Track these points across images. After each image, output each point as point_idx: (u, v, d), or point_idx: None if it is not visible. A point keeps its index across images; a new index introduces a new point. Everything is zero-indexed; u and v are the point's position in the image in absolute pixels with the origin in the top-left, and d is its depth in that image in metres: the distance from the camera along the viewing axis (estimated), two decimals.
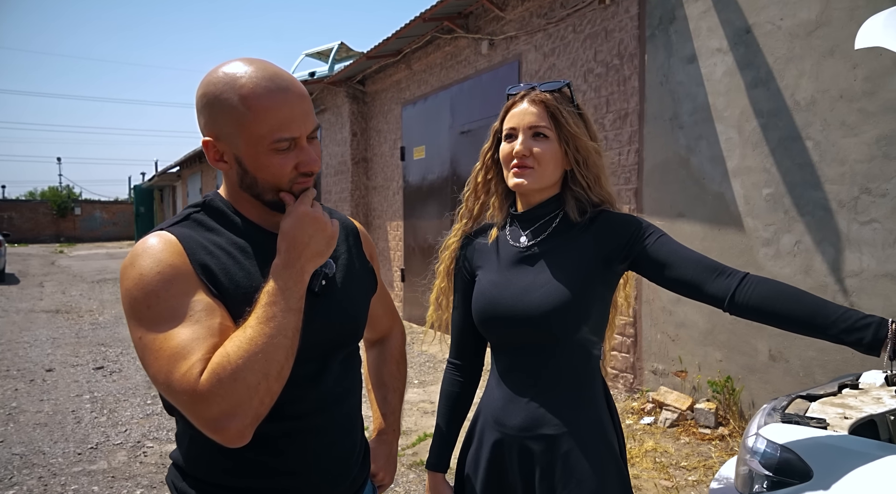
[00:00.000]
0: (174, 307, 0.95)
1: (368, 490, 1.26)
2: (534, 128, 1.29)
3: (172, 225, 1.06)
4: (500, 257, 1.36)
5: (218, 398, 0.87)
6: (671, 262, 1.22)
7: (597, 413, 1.30)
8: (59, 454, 3.94)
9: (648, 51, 4.48)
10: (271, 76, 1.01)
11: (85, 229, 36.21)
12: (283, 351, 0.93)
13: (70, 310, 9.77)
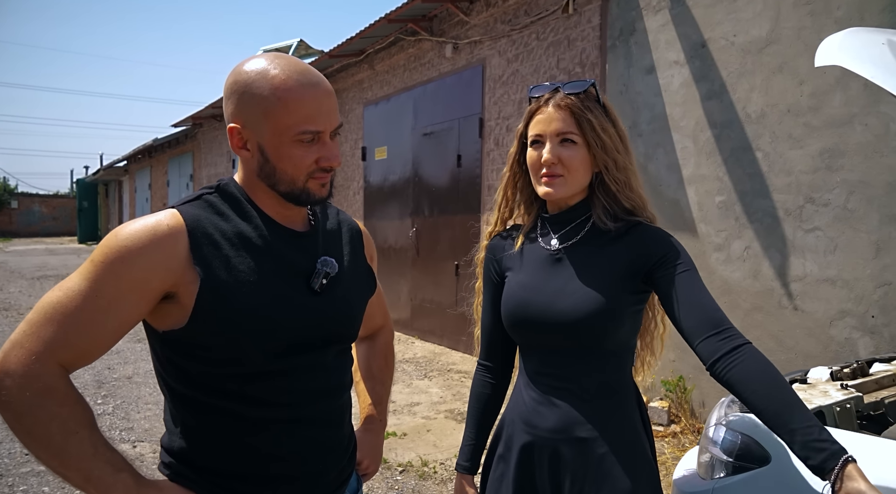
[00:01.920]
0: (112, 281, 0.96)
1: (353, 480, 1.29)
2: (561, 135, 1.26)
3: (183, 203, 1.07)
4: (530, 259, 1.35)
5: (3, 388, 0.93)
6: (683, 301, 1.20)
7: (630, 419, 1.30)
8: (5, 455, 3.79)
9: (609, 61, 4.63)
10: (303, 71, 1.04)
11: (22, 224, 34.59)
12: (54, 463, 0.97)
13: (8, 308, 9.35)
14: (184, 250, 1.00)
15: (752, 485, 1.33)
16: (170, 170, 17.78)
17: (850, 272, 3.27)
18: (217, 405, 1.06)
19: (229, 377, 1.05)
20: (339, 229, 1.25)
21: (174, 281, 0.99)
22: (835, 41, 1.40)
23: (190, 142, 15.72)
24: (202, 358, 1.04)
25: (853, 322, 3.25)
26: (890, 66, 1.26)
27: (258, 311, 1.03)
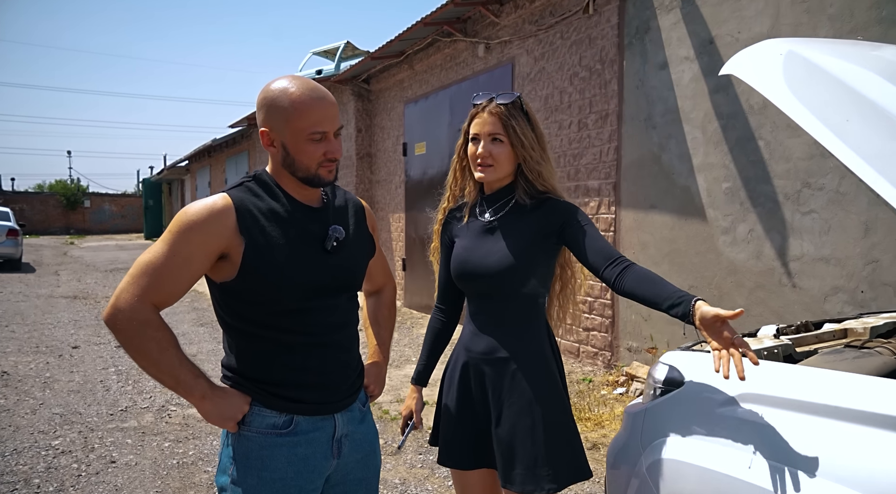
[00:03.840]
0: (184, 245, 1.39)
1: (362, 396, 1.71)
2: (492, 135, 1.70)
3: (230, 188, 1.49)
4: (472, 228, 1.82)
5: (116, 323, 1.38)
6: (586, 246, 1.62)
7: (539, 345, 1.75)
8: (94, 414, 4.43)
9: (626, 57, 4.92)
10: (313, 88, 1.46)
11: (94, 221, 36.79)
12: (152, 371, 1.41)
13: (87, 296, 10.27)
14: (232, 222, 1.42)
15: (671, 402, 1.69)
16: (227, 169, 18.70)
17: (842, 251, 3.50)
18: (260, 334, 1.49)
19: (268, 313, 1.48)
20: (346, 205, 1.66)
21: (226, 245, 1.42)
22: (746, 54, 1.71)
23: (245, 142, 16.56)
24: (248, 300, 1.47)
25: (845, 297, 3.49)
26: (778, 77, 1.57)
27: (287, 266, 1.45)
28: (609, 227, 5.09)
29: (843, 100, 1.53)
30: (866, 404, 1.31)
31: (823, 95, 1.55)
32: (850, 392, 1.36)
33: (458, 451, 1.81)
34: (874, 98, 1.54)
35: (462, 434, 1.80)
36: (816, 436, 1.34)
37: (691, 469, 1.56)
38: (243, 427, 1.47)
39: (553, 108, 5.71)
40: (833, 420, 1.33)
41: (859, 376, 1.43)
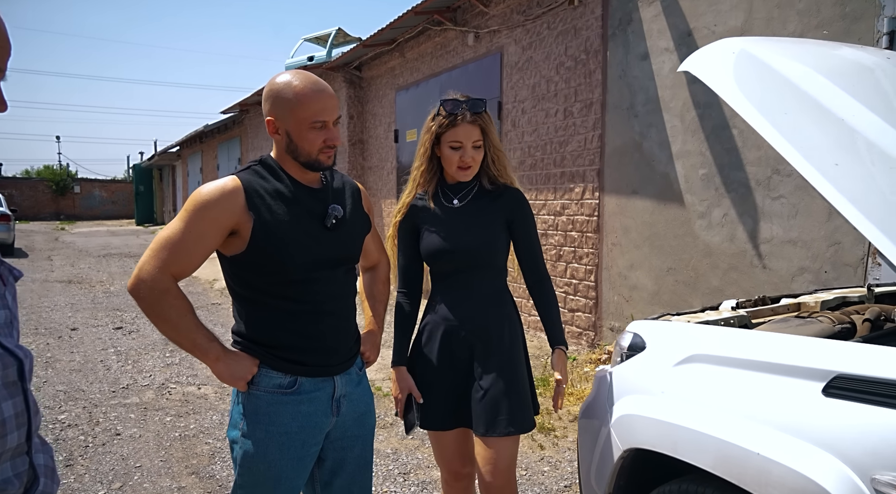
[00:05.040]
0: (199, 222, 1.56)
1: (359, 362, 1.90)
2: (474, 142, 1.94)
3: (239, 171, 1.67)
4: (439, 213, 2.02)
5: (139, 292, 1.56)
6: (521, 250, 2.06)
7: (509, 311, 2.03)
8: (97, 391, 4.61)
9: (610, 48, 5.10)
10: (314, 81, 1.64)
11: (84, 207, 36.66)
12: (172, 335, 1.61)
13: (82, 281, 10.40)
14: (241, 201, 1.60)
15: (632, 364, 1.90)
16: (219, 155, 18.75)
17: (807, 233, 3.72)
18: (266, 302, 1.67)
19: (273, 283, 1.66)
20: (344, 187, 1.84)
21: (236, 222, 1.60)
22: (702, 51, 1.89)
23: (237, 128, 16.62)
24: (256, 271, 1.65)
25: (810, 277, 3.72)
26: (728, 74, 1.75)
27: (291, 240, 1.64)
28: (593, 212, 5.30)
29: (785, 95, 1.72)
30: (794, 359, 1.51)
31: (767, 90, 1.74)
32: (783, 350, 1.57)
33: (440, 414, 2.02)
34: (813, 93, 1.73)
35: (443, 398, 2.02)
36: (752, 387, 1.55)
37: (650, 422, 1.77)
38: (252, 386, 1.66)
39: (540, 97, 5.88)
40: (765, 373, 1.54)
41: (794, 336, 1.64)
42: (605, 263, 5.21)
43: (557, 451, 3.59)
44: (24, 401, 0.96)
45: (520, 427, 1.94)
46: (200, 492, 3.10)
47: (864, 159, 1.59)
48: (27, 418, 0.97)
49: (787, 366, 1.51)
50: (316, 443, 1.73)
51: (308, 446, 1.70)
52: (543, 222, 5.90)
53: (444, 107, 1.96)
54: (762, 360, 1.56)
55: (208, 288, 9.69)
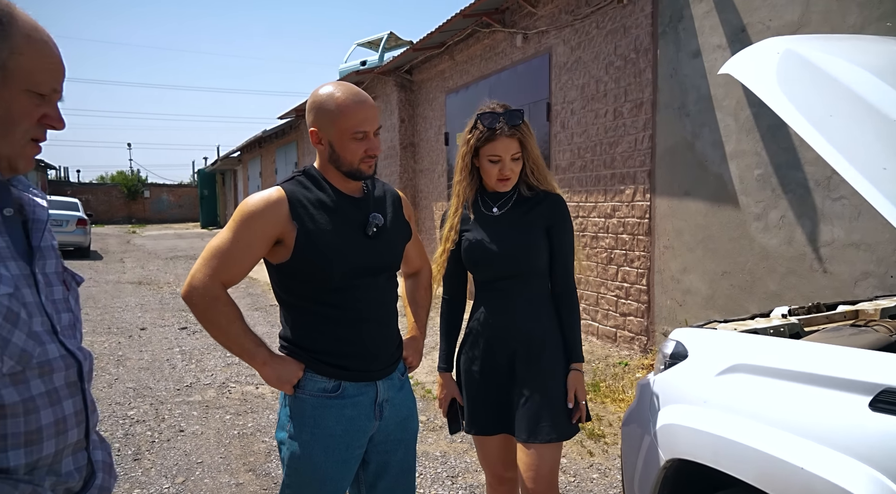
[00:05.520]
0: (246, 232, 1.64)
1: (401, 366, 1.95)
2: (512, 155, 1.96)
3: (283, 182, 1.74)
4: (480, 221, 2.05)
5: (191, 299, 1.64)
6: (555, 259, 2.04)
7: (550, 318, 2.03)
8: (163, 389, 4.85)
9: (660, 46, 5.00)
10: (355, 93, 1.69)
11: (153, 211, 38.42)
12: (221, 340, 1.68)
13: (151, 282, 10.92)
14: (286, 211, 1.67)
15: (675, 373, 1.88)
16: (277, 159, 19.31)
17: (872, 236, 3.56)
18: (311, 308, 1.74)
19: (317, 290, 1.73)
20: (385, 195, 1.88)
21: (281, 231, 1.68)
22: (745, 52, 1.84)
23: (294, 133, 17.07)
24: (300, 279, 1.72)
25: (875, 281, 3.55)
26: (770, 75, 1.70)
27: (333, 249, 1.70)
28: (644, 214, 5.21)
29: (831, 96, 1.67)
30: (840, 371, 1.47)
31: (812, 92, 1.69)
32: (828, 361, 1.53)
33: (483, 419, 2.05)
34: (862, 93, 1.67)
35: (487, 403, 2.05)
36: (796, 399, 1.52)
37: (692, 433, 1.75)
38: (298, 390, 1.73)
39: (589, 97, 5.83)
40: (810, 385, 1.50)
41: (841, 348, 1.59)
42: (657, 266, 5.11)
43: (607, 458, 3.56)
44: (82, 401, 1.05)
45: (561, 433, 1.95)
46: (256, 489, 3.23)
47: None
48: (85, 416, 1.06)
49: (832, 378, 1.47)
50: (360, 446, 1.78)
51: (352, 449, 1.76)
52: (594, 225, 5.84)
53: (481, 121, 1.97)
54: (807, 371, 1.52)
55: (267, 290, 10.01)
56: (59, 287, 1.08)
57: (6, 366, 0.90)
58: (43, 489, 0.96)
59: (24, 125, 0.99)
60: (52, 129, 1.06)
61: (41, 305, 1.00)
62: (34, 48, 0.98)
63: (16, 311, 0.93)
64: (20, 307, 0.94)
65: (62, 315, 1.06)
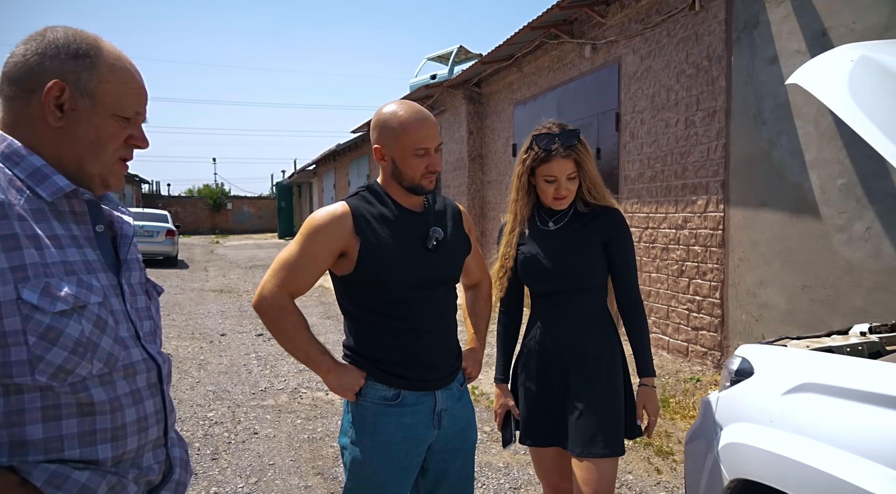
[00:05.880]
0: (312, 245, 1.73)
1: (460, 377, 1.99)
2: (569, 176, 1.98)
3: (348, 197, 1.82)
4: (535, 236, 2.07)
5: (261, 309, 1.74)
6: (618, 273, 2.04)
7: (607, 331, 2.02)
8: (239, 393, 5.09)
9: (734, 53, 4.84)
10: (417, 112, 1.76)
11: (235, 222, 40.27)
12: (289, 347, 1.77)
13: (231, 290, 11.45)
14: (350, 225, 1.74)
15: (739, 390, 1.82)
16: (350, 172, 19.86)
17: None
18: (371, 319, 1.81)
19: (377, 302, 1.79)
20: (445, 209, 1.93)
21: (345, 245, 1.75)
22: (815, 60, 1.77)
23: (366, 146, 17.51)
24: (363, 291, 1.79)
25: None
26: (841, 85, 1.63)
27: (394, 262, 1.76)
28: (717, 226, 5.04)
29: None
30: None
31: (888, 101, 1.61)
32: None
33: (537, 431, 2.06)
34: None
35: (541, 416, 2.06)
36: (868, 422, 1.45)
37: (757, 453, 1.70)
38: (360, 397, 1.79)
39: (659, 107, 5.71)
40: (883, 407, 1.43)
41: None
42: (731, 279, 4.93)
43: (675, 476, 3.46)
44: (161, 401, 1.15)
45: (616, 449, 1.93)
46: (324, 492, 3.33)
47: None
48: (164, 415, 1.15)
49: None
50: (418, 454, 1.82)
51: (411, 456, 1.80)
52: (664, 236, 5.70)
53: (536, 142, 1.99)
54: (879, 392, 1.45)
55: None
56: (142, 296, 1.18)
57: (95, 368, 1.00)
58: (127, 480, 1.05)
59: (112, 146, 1.10)
60: (138, 148, 1.17)
61: (126, 313, 1.10)
62: (118, 76, 1.09)
63: (104, 318, 1.03)
64: (108, 314, 1.04)
65: (144, 322, 1.16)
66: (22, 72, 1.04)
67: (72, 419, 0.98)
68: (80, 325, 0.98)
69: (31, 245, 0.96)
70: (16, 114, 1.06)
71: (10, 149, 1.04)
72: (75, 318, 0.98)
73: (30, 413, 0.95)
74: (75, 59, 1.05)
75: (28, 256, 0.95)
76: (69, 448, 0.98)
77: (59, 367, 0.95)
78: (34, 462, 0.94)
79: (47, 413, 0.96)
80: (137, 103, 1.13)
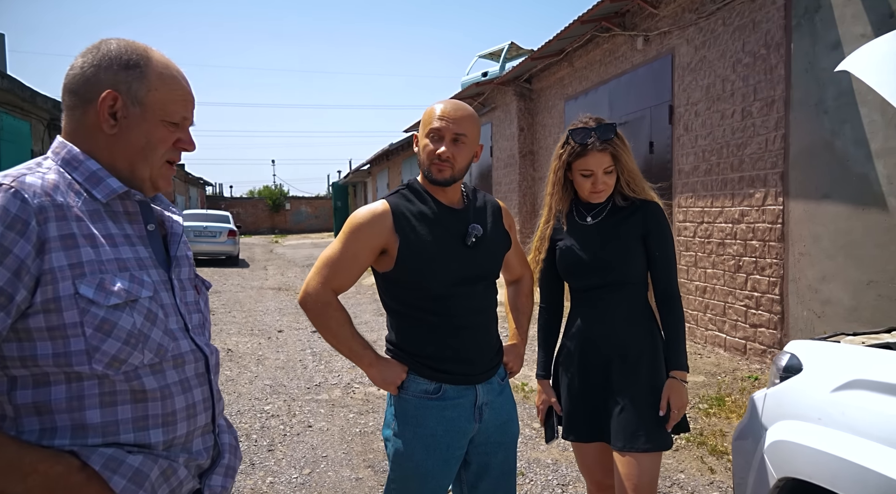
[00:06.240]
0: (353, 243, 1.78)
1: (501, 371, 2.00)
2: (605, 169, 1.97)
3: (389, 195, 1.86)
4: (574, 230, 2.06)
5: (306, 304, 1.79)
6: (655, 266, 2.01)
7: (648, 326, 2.00)
8: (295, 387, 5.25)
9: (794, 39, 4.66)
10: (445, 102, 1.80)
11: (293, 222, 41.34)
12: (333, 342, 1.82)
13: (289, 288, 11.78)
14: (389, 223, 1.78)
15: (788, 387, 1.77)
16: (403, 171, 20.06)
17: None
18: (412, 315, 1.84)
19: (418, 298, 1.82)
20: (485, 206, 1.95)
21: (385, 242, 1.80)
22: (868, 46, 1.69)
23: None
24: (403, 287, 1.83)
25: None
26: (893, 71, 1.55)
27: (433, 258, 1.79)
28: (776, 219, 4.86)
29: None
30: None
31: None
32: None
33: (579, 426, 2.06)
34: None
35: (583, 411, 2.05)
36: None
37: (805, 451, 1.65)
38: (402, 390, 1.83)
39: (714, 98, 5.54)
40: None
41: None
42: (791, 275, 4.75)
43: (729, 476, 3.37)
44: (209, 390, 1.21)
45: (657, 444, 1.90)
46: (374, 484, 3.41)
47: None
48: (212, 403, 1.22)
49: None
50: (460, 447, 1.85)
51: (452, 449, 1.83)
52: (720, 230, 5.53)
53: (572, 137, 1.99)
54: None
55: None
56: (191, 291, 1.26)
57: (146, 358, 1.08)
58: (177, 463, 1.12)
59: (161, 150, 1.17)
60: (185, 152, 1.24)
61: (176, 306, 1.18)
62: (166, 84, 1.16)
63: (154, 312, 1.10)
64: (158, 308, 1.12)
65: (193, 315, 1.23)
66: (79, 83, 1.12)
67: (126, 405, 1.06)
68: (132, 318, 1.05)
69: (87, 243, 1.03)
70: (75, 122, 1.14)
71: (70, 154, 1.12)
72: (128, 311, 1.05)
73: (89, 399, 1.02)
74: (126, 69, 1.12)
75: (84, 254, 1.02)
76: (124, 432, 1.05)
77: (113, 357, 1.03)
78: (93, 447, 1.02)
79: (104, 399, 1.04)
80: (184, 109, 1.20)
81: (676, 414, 1.95)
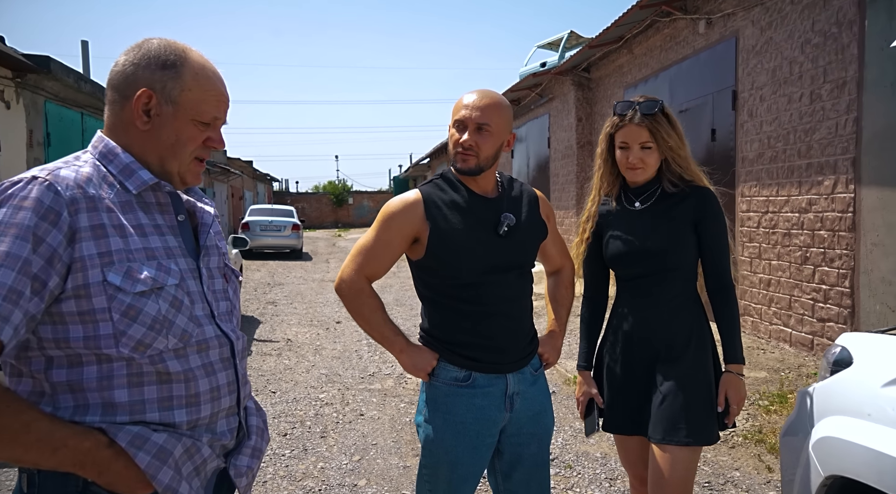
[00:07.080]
0: (386, 231, 1.80)
1: (535, 362, 1.98)
2: (642, 143, 1.90)
3: (423, 185, 1.88)
4: (622, 216, 2.01)
5: (341, 291, 1.83)
6: (708, 255, 1.93)
7: (696, 316, 1.93)
8: (349, 377, 5.37)
9: (869, 16, 4.37)
10: (471, 91, 1.80)
11: (356, 216, 42.16)
12: (366, 328, 1.86)
13: None
14: (421, 211, 1.81)
15: (837, 381, 1.68)
16: None
17: None
18: (445, 303, 1.85)
19: (450, 286, 1.83)
20: (521, 195, 1.93)
21: (417, 230, 1.82)
22: None
23: None
24: (434, 275, 1.84)
25: None
26: None
27: (463, 247, 1.80)
28: (847, 208, 4.58)
29: None
30: None
31: None
32: None
33: (620, 419, 2.01)
34: None
35: (625, 403, 2.00)
36: None
37: (853, 448, 1.56)
38: (433, 377, 1.84)
39: (781, 81, 5.27)
40: None
41: None
42: (863, 267, 4.47)
43: None
44: (234, 374, 1.26)
45: (699, 438, 1.84)
46: None
47: None
48: (237, 386, 1.26)
49: None
50: (491, 435, 1.84)
51: (483, 437, 1.83)
52: (786, 220, 5.27)
53: (615, 110, 1.96)
54: None
55: None
56: (219, 279, 1.31)
57: (171, 343, 1.13)
58: (201, 443, 1.17)
59: (190, 147, 1.22)
60: (214, 150, 1.29)
61: (203, 294, 1.23)
62: (200, 85, 1.21)
63: (180, 299, 1.15)
64: (184, 295, 1.17)
65: (221, 302, 1.28)
66: (120, 79, 1.19)
67: (152, 386, 1.11)
68: (158, 305, 1.11)
69: (116, 233, 1.09)
70: (115, 117, 1.21)
71: (107, 148, 1.19)
72: (153, 298, 1.10)
73: (117, 379, 1.09)
74: (163, 69, 1.17)
75: (113, 243, 1.08)
76: (150, 411, 1.11)
77: (138, 341, 1.08)
78: (120, 424, 1.08)
79: (132, 379, 1.10)
80: (216, 109, 1.24)
81: (735, 409, 1.87)
